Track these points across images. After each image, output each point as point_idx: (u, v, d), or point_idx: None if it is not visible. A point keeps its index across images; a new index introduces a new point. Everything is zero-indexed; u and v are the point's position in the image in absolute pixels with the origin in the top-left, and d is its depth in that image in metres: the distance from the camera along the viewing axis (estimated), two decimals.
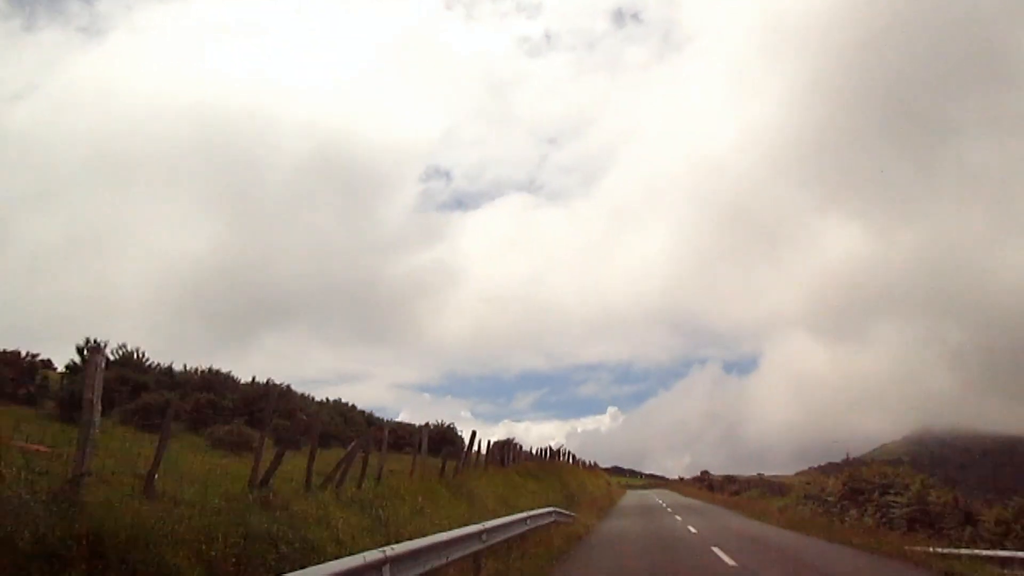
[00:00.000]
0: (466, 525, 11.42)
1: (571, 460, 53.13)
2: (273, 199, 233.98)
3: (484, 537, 11.46)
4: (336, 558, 6.89)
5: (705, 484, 75.96)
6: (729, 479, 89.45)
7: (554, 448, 44.83)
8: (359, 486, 13.49)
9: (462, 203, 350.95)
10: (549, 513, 19.62)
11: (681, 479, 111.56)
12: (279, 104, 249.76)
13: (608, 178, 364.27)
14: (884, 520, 21.25)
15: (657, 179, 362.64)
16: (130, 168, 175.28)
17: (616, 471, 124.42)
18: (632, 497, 61.93)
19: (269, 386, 33.41)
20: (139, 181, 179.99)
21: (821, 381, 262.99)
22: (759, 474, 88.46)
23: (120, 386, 22.79)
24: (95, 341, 21.48)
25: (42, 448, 10.10)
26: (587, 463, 75.57)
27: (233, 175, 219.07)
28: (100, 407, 7.03)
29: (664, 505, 43.96)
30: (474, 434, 25.56)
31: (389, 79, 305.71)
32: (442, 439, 38.60)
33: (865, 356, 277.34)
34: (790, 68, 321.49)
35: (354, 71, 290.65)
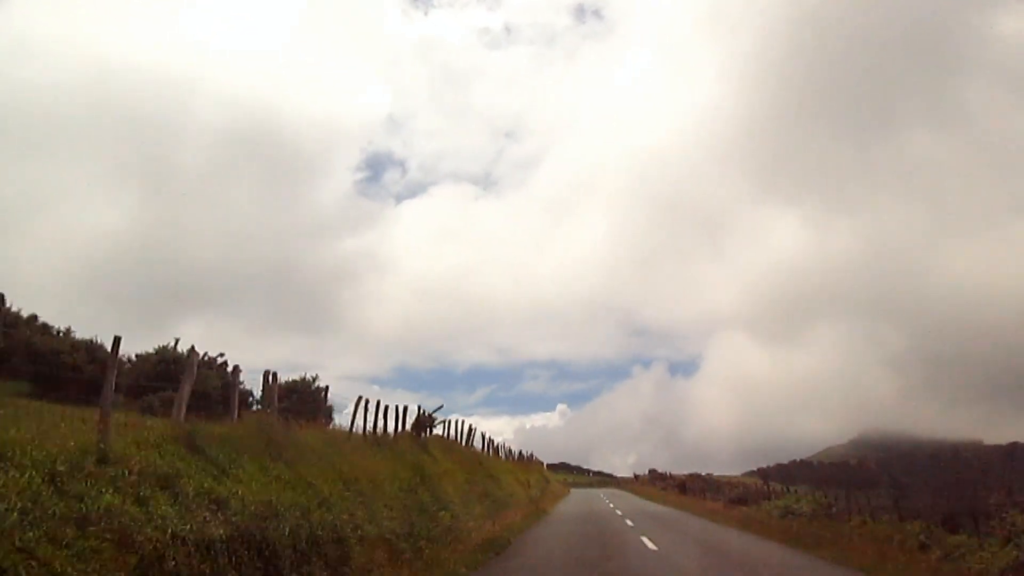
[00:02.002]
0: None
1: (470, 440, 30.26)
2: (191, 172, 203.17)
3: None
4: None
5: (674, 485, 53.57)
6: (696, 478, 68.01)
7: (427, 416, 21.88)
8: None
9: (412, 192, 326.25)
10: None
11: (636, 477, 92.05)
12: (197, 68, 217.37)
13: (558, 172, 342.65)
14: None
15: (604, 173, 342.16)
16: (27, 133, 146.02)
17: (563, 468, 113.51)
18: (576, 503, 39.26)
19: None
20: (38, 147, 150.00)
21: (763, 383, 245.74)
22: (708, 474, 74.96)
23: None
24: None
25: None
26: (520, 454, 53.06)
27: (145, 144, 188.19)
28: None
29: (630, 523, 21.53)
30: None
31: (326, 53, 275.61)
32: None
33: (806, 358, 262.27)
34: (727, 48, 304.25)
35: (286, 39, 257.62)
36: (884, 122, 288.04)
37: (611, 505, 35.41)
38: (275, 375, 12.78)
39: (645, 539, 16.10)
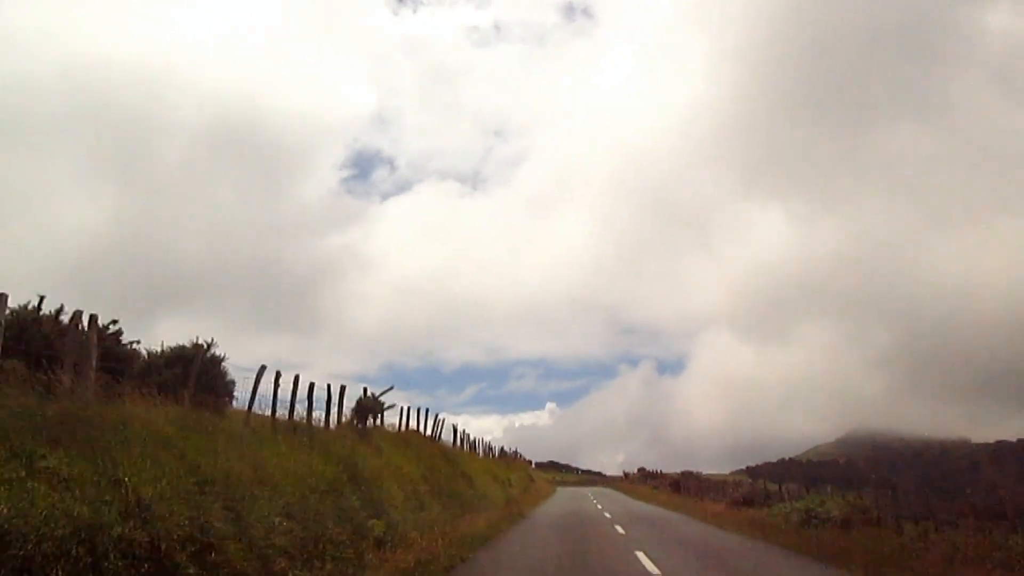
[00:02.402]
0: None
1: (437, 432, 26.08)
2: (172, 169, 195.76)
3: None
4: None
5: (667, 484, 49.50)
6: (689, 476, 63.94)
7: (372, 399, 17.57)
8: None
9: (399, 189, 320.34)
10: None
11: (625, 475, 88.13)
12: (182, 63, 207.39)
13: (547, 171, 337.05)
14: None
15: (594, 171, 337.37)
16: (3, 127, 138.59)
17: (552, 466, 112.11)
18: (560, 503, 35.14)
19: None
20: (16, 142, 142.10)
21: (751, 381, 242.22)
22: (698, 472, 69.58)
23: None
24: None
25: None
26: (502, 451, 48.96)
27: (125, 140, 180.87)
28: None
29: (621, 530, 17.46)
30: None
31: (314, 51, 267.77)
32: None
33: (793, 356, 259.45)
34: (713, 43, 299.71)
35: (274, 37, 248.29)
36: (868, 117, 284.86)
37: (599, 506, 31.28)
38: (93, 319, 8.52)
39: (642, 556, 11.98)
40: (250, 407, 12.19)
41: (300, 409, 14.67)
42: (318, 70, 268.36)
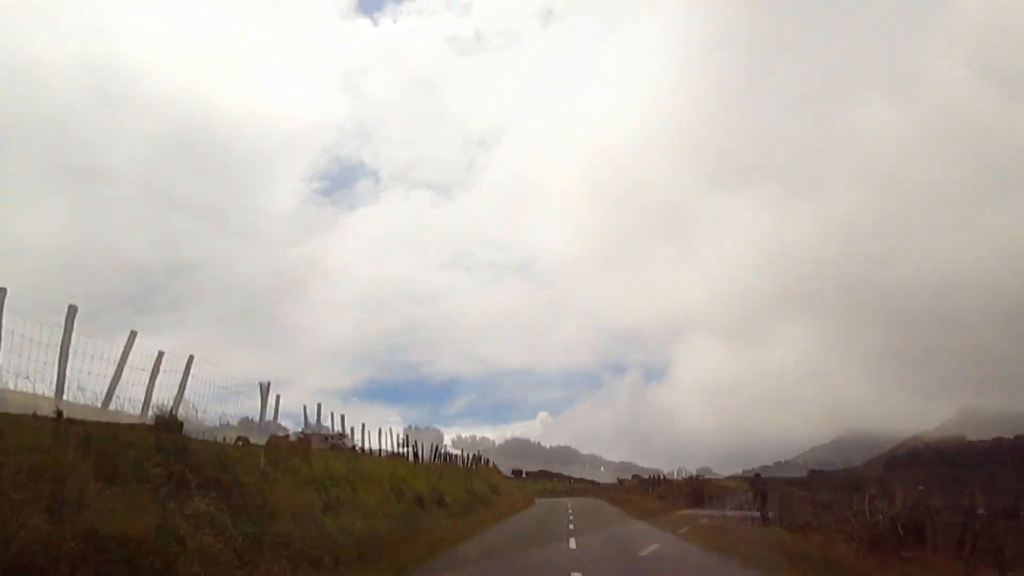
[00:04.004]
0: None
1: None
2: (131, 175, 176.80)
3: None
4: None
5: (684, 494, 33.32)
6: (704, 483, 47.07)
7: None
8: None
9: (378, 199, 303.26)
10: None
11: (620, 482, 75.12)
12: (130, 66, 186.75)
13: (528, 175, 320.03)
14: None
15: (583, 174, 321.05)
16: None
17: (544, 475, 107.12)
18: (504, 540, 18.92)
19: None
20: None
21: (740, 384, 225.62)
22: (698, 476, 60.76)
23: None
24: None
25: None
26: (443, 454, 33.16)
27: (73, 146, 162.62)
28: None
29: None
30: None
31: (287, 62, 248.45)
32: None
33: (781, 358, 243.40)
34: (675, 29, 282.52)
35: (241, 41, 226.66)
36: (843, 101, 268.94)
37: (573, 544, 15.41)
38: None
39: None
40: None
41: None
42: (295, 81, 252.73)
